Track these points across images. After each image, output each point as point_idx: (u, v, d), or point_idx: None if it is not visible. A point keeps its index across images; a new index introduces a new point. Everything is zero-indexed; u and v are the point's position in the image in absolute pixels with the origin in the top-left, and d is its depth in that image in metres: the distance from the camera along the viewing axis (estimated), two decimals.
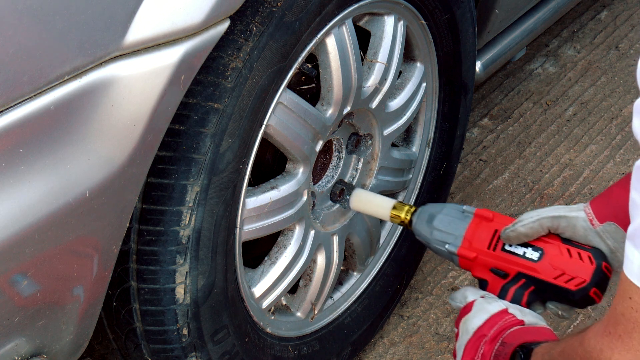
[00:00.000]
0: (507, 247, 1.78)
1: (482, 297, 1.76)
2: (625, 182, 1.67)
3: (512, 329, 1.67)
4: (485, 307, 1.72)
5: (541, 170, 2.89)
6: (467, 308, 1.75)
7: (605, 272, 1.70)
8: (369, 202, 2.05)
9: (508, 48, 2.68)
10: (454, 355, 1.75)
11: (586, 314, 2.45)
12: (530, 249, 1.76)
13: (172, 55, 1.47)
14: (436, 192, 2.38)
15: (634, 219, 1.24)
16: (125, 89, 1.44)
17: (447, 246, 1.84)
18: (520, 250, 1.76)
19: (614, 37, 3.43)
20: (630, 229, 1.25)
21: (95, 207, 1.48)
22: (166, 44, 1.47)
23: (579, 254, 1.72)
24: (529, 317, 1.70)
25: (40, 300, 1.50)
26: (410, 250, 2.35)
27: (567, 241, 1.74)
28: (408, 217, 1.95)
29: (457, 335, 1.75)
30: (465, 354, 1.69)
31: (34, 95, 1.36)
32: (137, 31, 1.43)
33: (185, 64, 1.49)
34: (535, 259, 1.75)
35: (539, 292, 1.75)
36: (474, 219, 1.83)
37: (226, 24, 1.55)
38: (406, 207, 1.96)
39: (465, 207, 1.86)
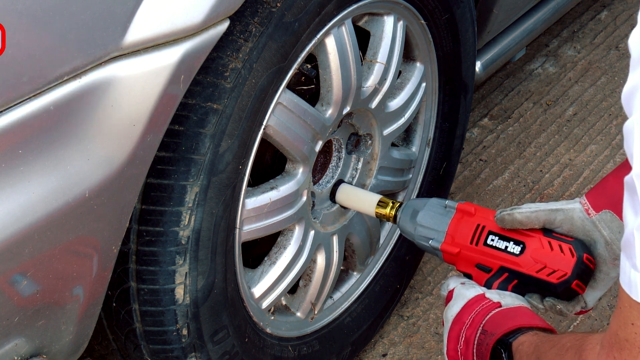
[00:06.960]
0: (489, 242, 1.78)
1: (462, 283, 1.78)
2: (619, 171, 1.67)
3: (490, 314, 1.68)
4: (463, 293, 1.74)
5: (541, 170, 2.89)
6: (449, 297, 1.78)
7: (587, 263, 1.70)
8: (355, 197, 2.05)
9: (508, 48, 2.68)
10: None
11: (586, 314, 2.45)
12: (512, 242, 1.76)
13: (171, 56, 1.47)
14: (436, 192, 2.38)
15: (625, 228, 1.24)
16: (125, 89, 1.44)
17: (430, 242, 1.85)
18: (502, 245, 1.77)
19: (614, 37, 3.43)
20: (622, 240, 1.25)
21: (95, 207, 1.48)
22: (166, 44, 1.47)
23: (560, 246, 1.71)
24: (507, 298, 1.71)
25: (40, 300, 1.50)
26: (410, 250, 2.35)
27: (548, 234, 1.74)
28: (392, 213, 1.96)
29: (442, 323, 1.77)
30: (449, 342, 1.71)
31: (34, 96, 1.36)
32: (137, 31, 1.43)
33: (185, 64, 1.49)
34: (517, 252, 1.75)
35: (522, 285, 1.75)
36: (456, 214, 1.84)
37: (225, 25, 1.55)
38: (391, 203, 1.97)
39: (447, 201, 1.87)
